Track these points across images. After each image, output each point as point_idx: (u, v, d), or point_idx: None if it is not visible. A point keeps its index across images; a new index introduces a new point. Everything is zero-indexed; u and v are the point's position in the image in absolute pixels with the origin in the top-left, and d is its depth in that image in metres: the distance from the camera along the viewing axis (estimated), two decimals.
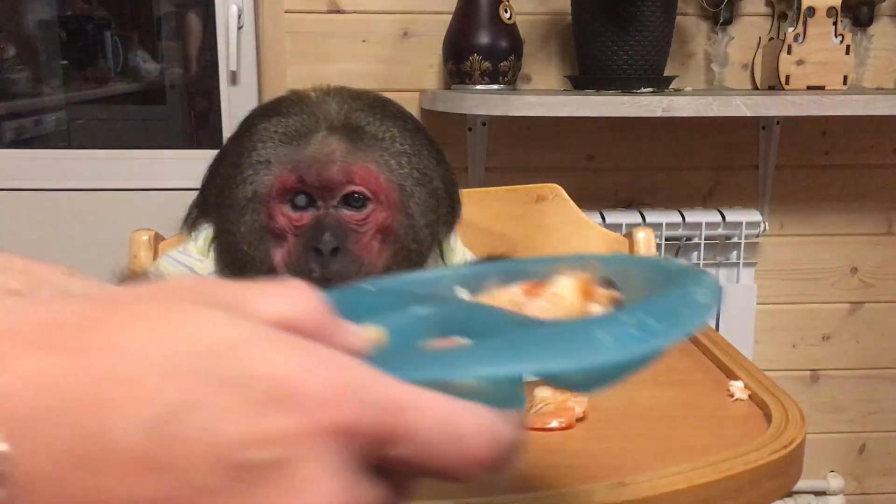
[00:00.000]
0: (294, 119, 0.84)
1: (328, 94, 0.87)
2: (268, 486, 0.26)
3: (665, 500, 0.62)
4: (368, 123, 0.84)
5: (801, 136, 1.91)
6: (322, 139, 0.82)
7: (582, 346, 0.34)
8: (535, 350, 0.34)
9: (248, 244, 0.84)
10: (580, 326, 0.37)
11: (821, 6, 1.73)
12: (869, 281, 2.00)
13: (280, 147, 0.82)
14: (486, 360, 0.33)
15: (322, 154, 0.81)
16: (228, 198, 0.84)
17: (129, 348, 0.26)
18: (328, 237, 0.81)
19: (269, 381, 0.27)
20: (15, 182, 1.89)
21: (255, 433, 0.26)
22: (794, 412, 0.74)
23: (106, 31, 2.19)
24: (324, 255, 0.80)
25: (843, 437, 2.08)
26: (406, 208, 0.84)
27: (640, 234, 1.15)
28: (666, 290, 0.41)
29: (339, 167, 0.81)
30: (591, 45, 1.70)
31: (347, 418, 0.27)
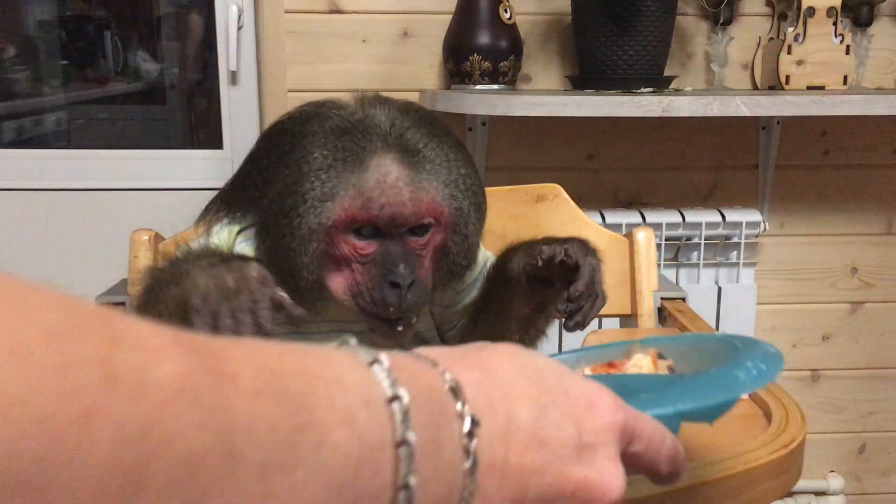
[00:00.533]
0: (347, 139, 0.82)
1: (373, 106, 0.85)
2: (589, 460, 0.43)
3: (665, 500, 0.62)
4: (425, 146, 0.83)
5: (801, 136, 1.92)
6: (380, 160, 0.81)
7: (732, 385, 0.53)
8: (708, 391, 0.53)
9: (308, 271, 0.83)
10: (724, 372, 0.55)
11: (821, 6, 1.73)
12: (869, 281, 2.00)
13: (343, 175, 0.80)
14: (677, 400, 0.51)
15: (387, 185, 0.80)
16: (287, 227, 0.82)
17: (506, 367, 0.43)
18: (404, 270, 0.81)
19: (584, 395, 0.44)
20: (15, 182, 1.89)
21: (587, 426, 0.43)
22: (794, 412, 0.74)
23: (106, 31, 2.19)
24: (401, 287, 0.80)
25: (843, 437, 2.08)
26: (462, 229, 0.86)
27: (640, 233, 1.15)
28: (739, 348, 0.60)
29: (410, 204, 0.81)
30: (591, 45, 1.70)
31: (623, 420, 0.44)
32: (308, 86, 1.81)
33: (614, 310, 1.17)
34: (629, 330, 1.13)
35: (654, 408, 0.50)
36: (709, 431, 0.74)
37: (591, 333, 1.02)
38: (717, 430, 0.75)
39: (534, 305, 0.92)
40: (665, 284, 1.16)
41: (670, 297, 1.13)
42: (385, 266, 0.81)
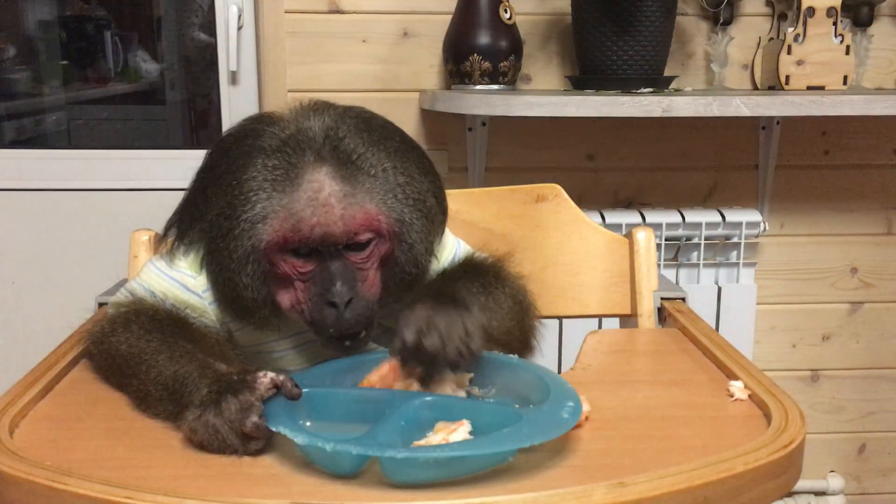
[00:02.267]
0: (279, 158, 0.80)
1: (308, 118, 0.84)
2: None
3: (665, 500, 0.62)
4: (359, 157, 0.81)
5: (801, 136, 1.92)
6: (312, 175, 0.79)
7: (561, 424, 0.68)
8: (546, 430, 0.66)
9: (251, 291, 0.83)
10: (552, 412, 0.69)
11: (821, 6, 1.73)
12: (869, 281, 2.00)
13: (273, 196, 0.79)
14: (527, 438, 0.65)
15: (318, 203, 0.79)
16: (225, 248, 0.82)
17: None
18: (340, 288, 0.80)
19: None
20: (15, 182, 1.89)
21: None
22: (794, 412, 0.74)
23: (106, 31, 2.19)
24: (338, 307, 0.80)
25: (843, 437, 2.08)
26: (406, 238, 0.84)
27: (640, 233, 1.15)
28: (538, 382, 0.76)
29: (341, 223, 0.79)
30: (591, 45, 1.70)
31: None
32: (308, 86, 1.81)
33: (614, 310, 1.17)
34: (629, 330, 1.13)
35: (512, 443, 0.65)
36: (709, 431, 0.74)
37: (591, 333, 1.02)
38: (717, 430, 0.75)
39: None
40: (665, 284, 1.16)
41: (670, 297, 1.13)
42: (322, 285, 0.81)
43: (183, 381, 0.75)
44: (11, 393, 0.79)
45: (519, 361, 0.83)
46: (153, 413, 0.76)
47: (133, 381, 0.79)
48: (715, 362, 0.91)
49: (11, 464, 0.65)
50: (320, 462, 0.66)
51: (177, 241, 0.89)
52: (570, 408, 0.70)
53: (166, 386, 0.76)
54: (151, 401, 0.77)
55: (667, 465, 0.65)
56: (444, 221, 0.92)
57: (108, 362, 0.84)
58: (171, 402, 0.75)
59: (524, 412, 0.70)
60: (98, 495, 0.61)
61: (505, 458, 0.65)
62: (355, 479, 0.64)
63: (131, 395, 0.80)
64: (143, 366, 0.79)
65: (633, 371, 0.94)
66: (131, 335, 0.82)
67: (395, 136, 0.87)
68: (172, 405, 0.75)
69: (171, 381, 0.76)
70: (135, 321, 0.84)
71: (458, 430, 0.68)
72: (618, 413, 0.78)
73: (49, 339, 0.98)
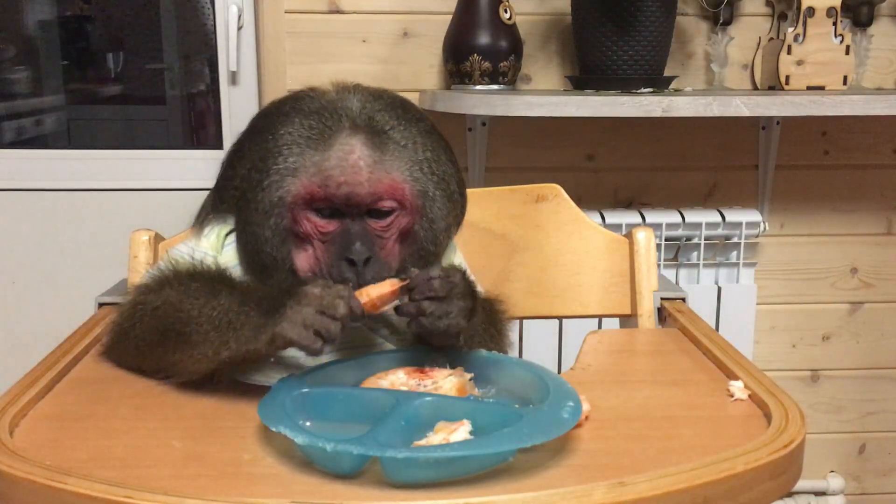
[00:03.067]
0: (316, 119, 0.84)
1: (349, 91, 0.88)
2: None
3: (665, 500, 0.62)
4: (392, 128, 0.85)
5: (801, 136, 1.92)
6: (346, 140, 0.83)
7: (561, 424, 0.68)
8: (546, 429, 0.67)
9: (271, 246, 0.85)
10: (552, 412, 0.70)
11: (821, 6, 1.73)
12: (869, 281, 2.00)
13: (306, 153, 0.83)
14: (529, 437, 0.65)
15: (348, 164, 0.82)
16: (253, 200, 0.84)
17: None
18: (360, 247, 0.82)
19: None
20: (15, 182, 1.89)
21: None
22: (794, 412, 0.74)
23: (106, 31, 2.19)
24: (356, 264, 0.81)
25: (843, 437, 2.08)
26: (428, 213, 0.86)
27: (640, 233, 1.15)
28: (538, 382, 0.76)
29: (367, 187, 0.82)
30: (591, 45, 1.70)
31: None
32: (308, 86, 1.81)
33: (614, 310, 1.17)
34: (629, 330, 1.13)
35: (512, 443, 0.65)
36: (709, 431, 0.74)
37: (591, 334, 1.02)
38: (717, 430, 0.75)
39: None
40: (665, 284, 1.16)
41: (670, 297, 1.13)
42: (342, 244, 0.83)
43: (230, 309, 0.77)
44: (11, 393, 0.79)
45: (519, 361, 0.83)
46: (200, 350, 0.77)
47: (173, 329, 0.79)
48: (715, 362, 0.91)
49: (11, 463, 0.65)
50: (320, 462, 0.66)
51: (199, 219, 0.93)
52: (570, 408, 0.70)
53: (211, 318, 0.77)
54: (198, 337, 0.77)
55: (667, 465, 0.65)
56: (463, 214, 0.94)
57: (142, 326, 0.84)
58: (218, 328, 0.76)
59: (525, 412, 0.70)
60: (98, 495, 0.61)
61: (505, 458, 0.65)
62: (355, 479, 0.64)
63: (172, 344, 0.80)
64: (185, 308, 0.79)
65: (633, 371, 0.94)
66: (167, 291, 0.83)
67: (427, 119, 0.91)
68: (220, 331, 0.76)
69: (218, 310, 0.77)
70: (169, 281, 0.85)
71: (459, 430, 0.68)
72: (618, 413, 0.78)
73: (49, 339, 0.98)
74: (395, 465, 0.63)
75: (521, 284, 1.19)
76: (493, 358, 0.83)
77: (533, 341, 1.78)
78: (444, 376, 0.79)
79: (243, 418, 0.75)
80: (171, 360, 0.81)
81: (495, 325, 0.92)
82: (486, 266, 1.18)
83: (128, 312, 0.86)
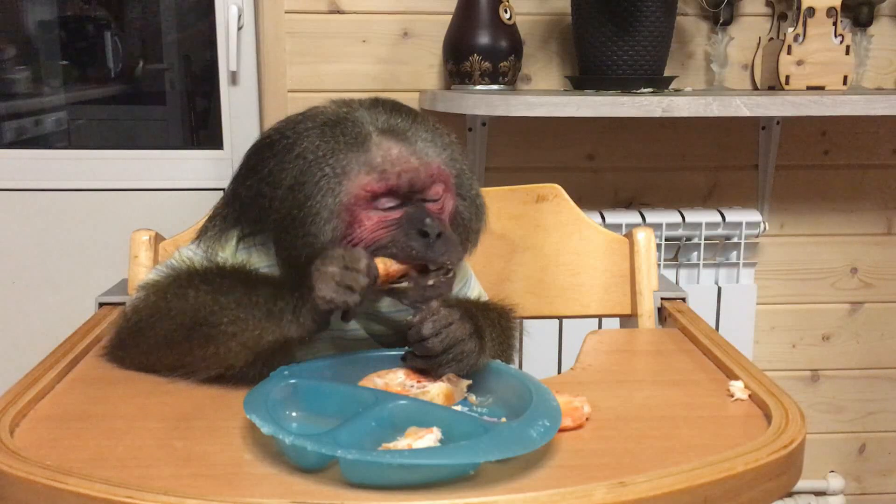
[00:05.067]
0: (340, 128, 0.85)
1: (349, 106, 0.89)
2: None
3: (665, 500, 0.62)
4: (409, 127, 0.87)
5: (801, 136, 1.92)
6: (378, 140, 0.85)
7: (526, 442, 0.66)
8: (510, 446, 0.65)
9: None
10: (520, 429, 0.67)
11: (821, 6, 1.73)
12: (869, 281, 2.00)
13: (350, 155, 0.84)
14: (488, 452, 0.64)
15: (394, 157, 0.84)
16: (306, 215, 0.83)
17: None
18: (432, 222, 0.83)
19: None
20: (15, 182, 1.89)
21: None
22: (794, 412, 0.74)
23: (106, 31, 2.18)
24: (430, 237, 0.83)
25: (843, 437, 2.08)
26: (468, 192, 0.91)
27: (640, 234, 1.15)
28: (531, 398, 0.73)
29: (423, 169, 0.84)
30: (591, 45, 1.70)
31: None
32: (308, 86, 1.81)
33: (614, 310, 1.17)
34: (629, 330, 1.13)
35: (465, 457, 0.64)
36: (709, 431, 0.75)
37: (591, 334, 1.02)
38: (717, 430, 0.75)
39: None
40: (665, 284, 1.16)
41: (670, 297, 1.13)
42: (412, 222, 0.84)
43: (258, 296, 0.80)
44: (11, 393, 0.79)
45: (516, 373, 0.82)
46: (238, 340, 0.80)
47: (200, 328, 0.81)
48: (715, 362, 0.91)
49: (11, 464, 0.65)
50: (288, 454, 0.66)
51: (213, 227, 0.93)
52: (543, 426, 0.68)
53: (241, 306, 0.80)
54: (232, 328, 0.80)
55: (667, 465, 0.65)
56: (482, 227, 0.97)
57: (157, 324, 0.84)
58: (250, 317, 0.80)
59: (491, 426, 0.69)
60: (98, 495, 0.61)
61: (465, 470, 0.65)
62: None
63: (198, 343, 0.81)
64: (209, 305, 0.81)
65: (633, 371, 0.94)
66: (184, 288, 0.85)
67: (425, 115, 0.93)
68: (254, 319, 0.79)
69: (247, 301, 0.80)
70: (181, 279, 0.86)
71: (425, 438, 0.68)
72: (618, 413, 0.78)
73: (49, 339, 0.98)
74: (347, 466, 0.63)
75: (521, 284, 1.20)
76: (494, 367, 0.83)
77: (533, 341, 1.78)
78: (435, 381, 0.79)
79: (244, 418, 0.75)
80: (200, 355, 0.81)
81: (505, 334, 0.92)
82: (486, 266, 1.18)
83: (146, 311, 0.86)
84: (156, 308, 0.85)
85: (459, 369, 0.80)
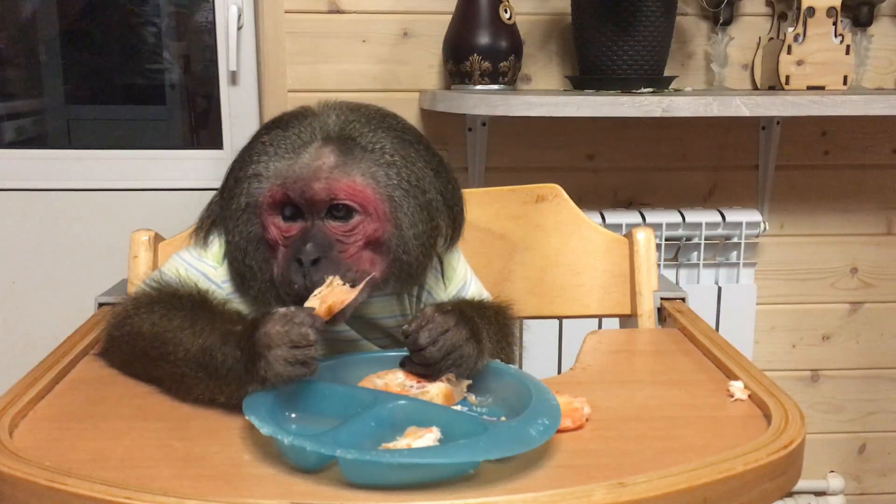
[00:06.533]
0: (293, 132, 0.86)
1: (330, 108, 0.89)
2: None
3: (665, 500, 0.62)
4: (361, 135, 0.85)
5: (801, 136, 1.92)
6: (315, 151, 0.84)
7: (526, 440, 0.66)
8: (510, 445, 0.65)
9: (243, 254, 0.86)
10: (519, 428, 0.67)
11: (821, 6, 1.73)
12: (869, 281, 2.00)
13: (273, 161, 0.85)
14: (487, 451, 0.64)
15: (309, 169, 0.83)
16: (228, 208, 0.87)
17: None
18: (309, 248, 0.82)
19: None
20: (15, 182, 1.89)
21: None
22: (794, 412, 0.74)
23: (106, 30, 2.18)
24: (304, 265, 0.81)
25: (843, 437, 2.08)
26: (395, 219, 0.84)
27: (640, 234, 1.15)
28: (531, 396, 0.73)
29: (323, 183, 0.82)
30: (591, 45, 1.70)
31: None
32: (308, 86, 1.81)
33: (614, 310, 1.17)
34: (629, 330, 1.13)
35: (465, 455, 0.64)
36: (709, 431, 0.75)
37: (591, 334, 1.02)
38: (717, 430, 0.75)
39: None
40: (665, 284, 1.16)
41: (670, 297, 1.13)
42: (295, 246, 0.83)
43: (211, 353, 0.78)
44: (11, 393, 0.79)
45: (516, 372, 0.82)
46: (193, 395, 0.79)
47: (162, 364, 0.81)
48: (715, 362, 0.91)
49: (11, 464, 0.65)
50: (287, 455, 0.66)
51: (201, 230, 0.94)
52: (543, 425, 0.68)
53: (198, 362, 0.78)
54: (189, 381, 0.79)
55: (667, 465, 0.65)
56: (456, 232, 0.93)
57: (131, 344, 0.85)
58: (206, 376, 0.78)
59: (491, 425, 0.69)
60: (98, 495, 0.61)
61: (464, 470, 0.65)
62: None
63: (164, 379, 0.82)
64: (170, 346, 0.81)
65: (633, 371, 0.94)
66: (153, 315, 0.84)
67: (409, 131, 0.90)
68: (209, 379, 0.78)
69: (200, 355, 0.78)
70: (157, 302, 0.86)
71: (424, 437, 0.67)
72: (618, 413, 0.78)
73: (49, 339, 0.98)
74: (347, 466, 0.63)
75: (521, 284, 1.19)
76: (494, 367, 0.83)
77: (533, 341, 1.78)
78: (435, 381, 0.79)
79: (243, 419, 0.75)
80: (168, 385, 0.82)
81: (503, 332, 0.92)
82: (486, 266, 1.18)
83: (118, 323, 0.88)
84: (124, 324, 0.87)
85: (459, 373, 0.80)
